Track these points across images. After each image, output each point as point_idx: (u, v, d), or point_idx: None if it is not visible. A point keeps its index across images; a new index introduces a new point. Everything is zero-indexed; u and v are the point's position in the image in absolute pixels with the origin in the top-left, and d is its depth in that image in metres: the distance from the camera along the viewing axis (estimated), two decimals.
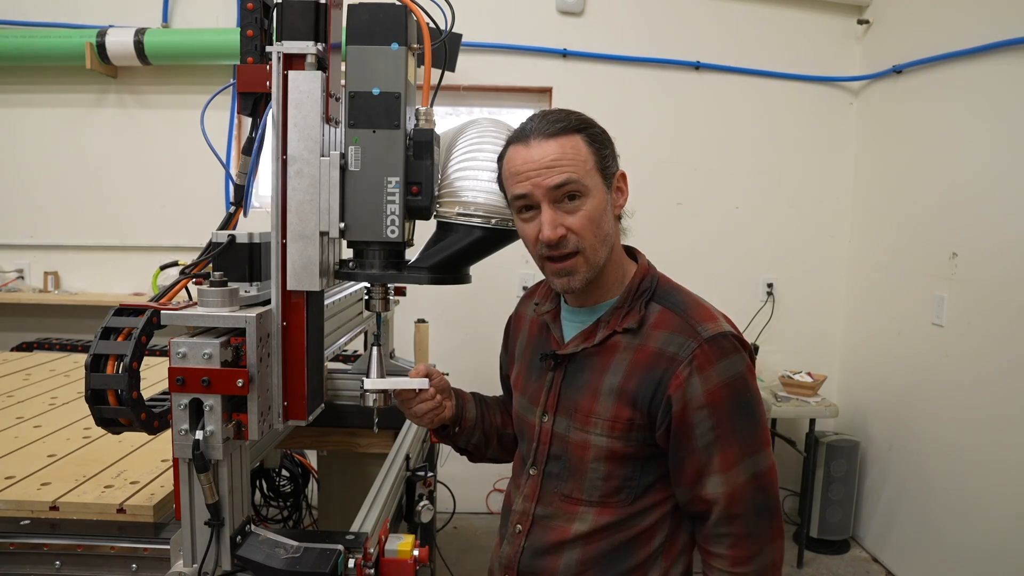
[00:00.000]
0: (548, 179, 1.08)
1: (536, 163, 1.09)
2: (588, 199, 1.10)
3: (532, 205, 1.11)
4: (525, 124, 1.14)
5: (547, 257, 1.12)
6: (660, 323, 1.15)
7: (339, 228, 1.24)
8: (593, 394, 1.16)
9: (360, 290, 1.96)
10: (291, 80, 1.21)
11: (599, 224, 1.12)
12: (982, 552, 2.55)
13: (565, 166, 1.09)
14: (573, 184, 1.09)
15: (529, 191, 1.10)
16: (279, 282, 1.25)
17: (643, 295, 1.18)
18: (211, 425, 1.19)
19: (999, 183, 2.55)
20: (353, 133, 1.24)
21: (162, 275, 1.51)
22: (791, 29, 3.46)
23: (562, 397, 1.20)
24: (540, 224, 1.09)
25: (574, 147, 1.11)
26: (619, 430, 1.14)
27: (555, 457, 1.20)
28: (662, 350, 1.12)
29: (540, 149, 1.10)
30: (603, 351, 1.17)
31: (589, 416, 1.16)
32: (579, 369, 1.19)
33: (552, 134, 1.10)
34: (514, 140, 1.15)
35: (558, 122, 1.12)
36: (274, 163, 1.25)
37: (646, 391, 1.12)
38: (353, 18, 1.24)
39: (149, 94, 3.44)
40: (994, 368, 2.54)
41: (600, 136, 1.15)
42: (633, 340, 1.15)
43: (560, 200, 1.09)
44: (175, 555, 1.26)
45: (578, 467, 1.17)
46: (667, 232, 3.47)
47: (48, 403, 2.06)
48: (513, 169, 1.12)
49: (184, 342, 1.18)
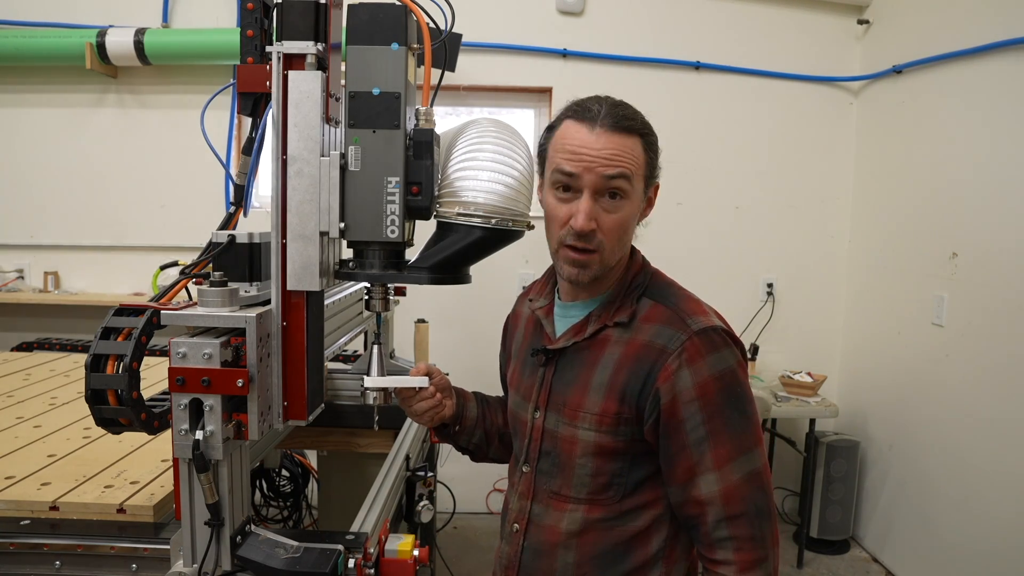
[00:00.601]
0: (603, 169, 1.06)
1: (596, 151, 1.07)
2: (627, 203, 1.10)
3: (572, 187, 1.09)
4: (590, 104, 1.10)
5: (568, 244, 1.10)
6: (650, 316, 1.14)
7: (339, 228, 1.24)
8: (582, 388, 1.15)
9: (360, 290, 1.96)
10: (291, 80, 1.21)
11: (626, 231, 1.12)
12: (982, 552, 2.55)
13: (622, 165, 1.07)
14: (622, 183, 1.08)
15: (579, 173, 1.07)
16: (279, 282, 1.25)
17: (635, 290, 1.17)
18: (211, 425, 1.19)
19: (999, 183, 2.55)
20: (353, 133, 1.24)
21: (162, 275, 1.51)
22: (791, 29, 3.46)
23: (553, 392, 1.19)
24: (575, 210, 1.08)
25: (634, 148, 1.09)
26: (607, 424, 1.13)
27: (546, 453, 1.19)
28: (651, 342, 1.11)
29: (605, 139, 1.07)
30: (593, 345, 1.16)
31: (577, 411, 1.15)
32: (570, 364, 1.18)
33: (621, 129, 1.08)
34: (575, 116, 1.11)
35: (628, 119, 1.09)
36: (274, 163, 1.25)
37: (634, 384, 1.11)
38: (353, 18, 1.24)
39: (149, 94, 3.43)
40: (994, 368, 2.54)
41: (655, 145, 1.14)
42: (624, 334, 1.14)
43: (602, 194, 1.08)
44: (175, 555, 1.26)
45: (567, 463, 1.16)
46: (667, 232, 3.46)
47: (48, 403, 2.06)
48: (568, 146, 1.09)
49: (184, 342, 1.18)
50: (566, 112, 1.14)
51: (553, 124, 1.15)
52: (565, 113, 1.14)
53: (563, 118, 1.13)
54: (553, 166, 1.10)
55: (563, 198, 1.10)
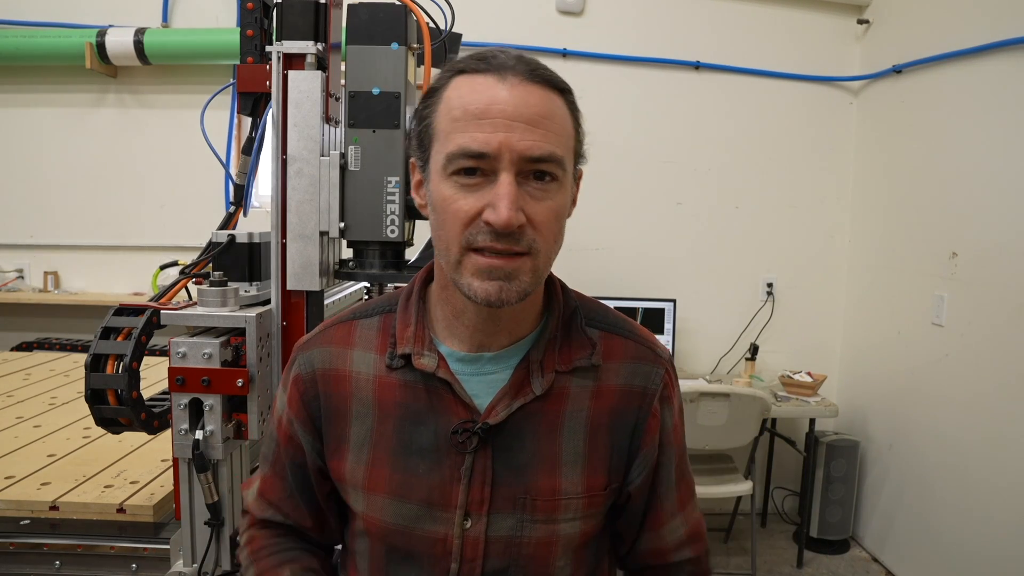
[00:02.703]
0: (526, 142, 0.73)
1: (513, 109, 0.73)
2: (561, 187, 0.77)
3: (481, 169, 0.74)
4: (489, 53, 0.77)
5: (481, 248, 0.74)
6: (612, 353, 0.87)
7: (339, 228, 1.24)
8: (550, 468, 0.83)
9: (360, 290, 1.96)
10: (291, 80, 1.21)
11: (561, 225, 0.79)
12: (982, 551, 2.55)
13: (551, 133, 0.75)
14: (556, 162, 0.75)
15: (493, 150, 0.72)
16: (279, 282, 1.25)
17: (577, 318, 0.88)
18: (211, 425, 1.19)
19: (999, 183, 2.55)
20: (353, 133, 1.24)
21: (162, 275, 1.52)
22: (791, 29, 3.46)
23: (498, 485, 0.82)
24: (490, 198, 0.73)
25: (562, 110, 0.78)
26: (597, 505, 0.86)
27: (493, 575, 0.83)
28: (629, 386, 0.87)
29: (524, 92, 0.75)
30: (547, 405, 0.83)
31: (555, 499, 0.83)
32: (515, 438, 0.83)
33: (540, 79, 0.77)
34: (474, 68, 0.76)
35: (545, 69, 0.79)
36: (274, 163, 1.25)
37: (620, 442, 0.86)
38: (353, 18, 1.25)
39: (149, 94, 3.43)
40: (994, 368, 2.54)
41: (577, 108, 0.83)
42: (586, 382, 0.85)
43: (526, 176, 0.75)
44: (175, 555, 1.26)
45: (539, 573, 0.85)
46: (667, 232, 3.47)
47: (48, 403, 2.06)
48: (472, 109, 0.74)
49: (184, 342, 1.18)
50: (454, 67, 0.78)
51: (436, 86, 0.79)
52: (453, 68, 0.78)
53: (451, 75, 0.78)
54: (452, 145, 0.74)
55: (467, 184, 0.74)
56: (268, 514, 0.94)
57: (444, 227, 0.76)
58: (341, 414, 0.87)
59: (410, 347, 0.84)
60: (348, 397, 0.86)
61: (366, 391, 0.86)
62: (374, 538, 0.87)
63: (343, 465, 0.86)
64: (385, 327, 0.88)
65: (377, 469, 0.85)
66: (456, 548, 0.82)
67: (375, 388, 0.85)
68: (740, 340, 3.53)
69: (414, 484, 0.83)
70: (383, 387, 0.85)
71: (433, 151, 0.78)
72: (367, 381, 0.86)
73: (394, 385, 0.85)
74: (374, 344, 0.87)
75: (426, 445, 0.83)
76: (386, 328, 0.88)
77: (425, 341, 0.85)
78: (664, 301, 3.29)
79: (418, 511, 0.83)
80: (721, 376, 3.50)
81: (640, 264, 3.45)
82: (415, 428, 0.84)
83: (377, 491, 0.84)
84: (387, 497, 0.84)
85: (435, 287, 0.87)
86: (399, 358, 0.85)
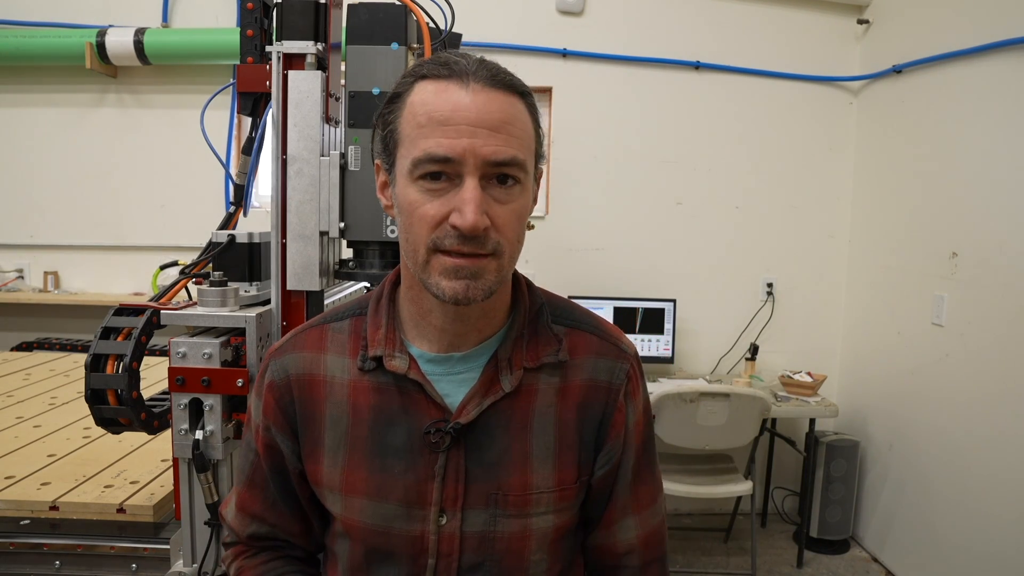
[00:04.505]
0: (490, 147, 0.75)
1: (476, 115, 0.75)
2: (523, 189, 0.80)
3: (447, 174, 0.76)
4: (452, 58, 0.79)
5: (448, 250, 0.76)
6: (578, 348, 0.89)
7: (339, 228, 1.24)
8: (521, 464, 0.85)
9: (360, 290, 1.96)
10: (291, 80, 1.21)
11: (523, 226, 0.82)
12: (982, 551, 2.55)
13: (514, 137, 0.77)
14: (518, 165, 0.77)
15: (458, 155, 0.74)
16: (279, 282, 1.25)
17: (542, 315, 0.90)
18: (211, 425, 1.19)
19: (999, 183, 2.55)
20: (353, 133, 1.24)
21: (162, 275, 1.52)
22: (791, 29, 3.46)
23: (471, 481, 0.84)
24: (455, 202, 0.75)
25: (523, 114, 0.80)
26: (569, 498, 0.88)
27: (471, 569, 0.85)
28: (593, 380, 0.88)
29: (486, 99, 0.76)
30: (516, 403, 0.85)
31: (526, 493, 0.85)
32: (486, 436, 0.85)
33: (502, 85, 0.78)
34: (437, 74, 0.78)
35: (507, 74, 0.80)
36: (274, 163, 1.25)
37: (588, 437, 0.88)
38: (353, 18, 1.25)
39: (149, 94, 3.43)
40: (994, 368, 2.54)
41: (537, 110, 0.85)
42: (552, 378, 0.87)
43: (489, 179, 0.77)
44: (175, 555, 1.26)
45: (515, 567, 0.86)
46: (667, 232, 3.47)
47: (48, 403, 2.06)
48: (436, 115, 0.75)
49: (184, 342, 1.18)
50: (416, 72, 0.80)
51: (399, 91, 0.81)
52: (416, 73, 0.80)
53: (414, 80, 0.79)
54: (418, 151, 0.76)
55: (433, 188, 0.76)
56: (252, 528, 0.94)
57: (411, 230, 0.78)
58: (316, 419, 0.88)
59: (381, 349, 0.85)
60: (322, 402, 0.87)
61: (340, 395, 0.87)
62: (354, 539, 0.88)
63: (320, 469, 0.87)
64: (356, 330, 0.89)
65: (354, 471, 0.86)
66: (432, 544, 0.84)
67: (349, 392, 0.86)
68: (740, 340, 3.53)
69: (391, 484, 0.85)
70: (356, 390, 0.86)
71: (398, 155, 0.79)
72: (341, 385, 0.87)
73: (367, 388, 0.86)
74: (346, 348, 0.88)
75: (400, 445, 0.85)
76: (357, 331, 0.89)
77: (396, 343, 0.86)
78: (664, 301, 3.29)
79: (396, 510, 0.85)
80: (721, 376, 3.50)
81: (640, 264, 3.45)
82: (389, 429, 0.85)
83: (355, 493, 0.86)
84: (365, 498, 0.85)
85: (403, 288, 0.88)
86: (371, 360, 0.86)
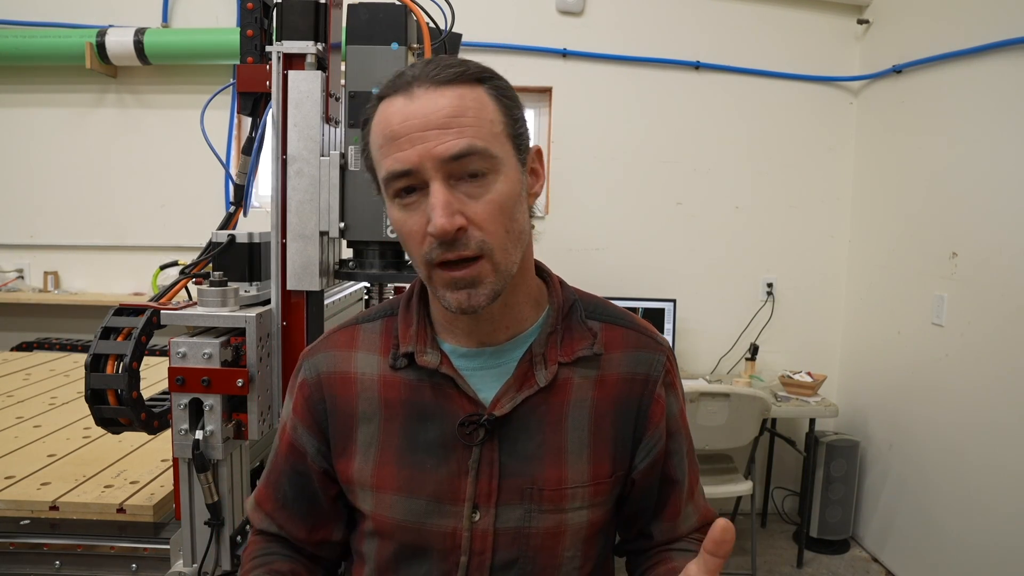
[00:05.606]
0: (442, 144, 0.74)
1: (423, 120, 0.75)
2: (498, 177, 0.77)
3: (415, 186, 0.76)
4: (404, 71, 0.80)
5: (438, 262, 0.76)
6: (614, 343, 0.89)
7: (339, 228, 1.24)
8: (556, 458, 0.84)
9: (360, 290, 1.96)
10: (291, 80, 1.21)
11: (512, 215, 0.78)
12: (982, 551, 2.55)
13: (466, 127, 0.75)
14: (478, 154, 0.75)
15: (415, 164, 0.74)
16: (279, 282, 1.25)
17: (576, 309, 0.90)
18: (211, 425, 1.19)
19: (999, 183, 2.55)
20: (353, 133, 1.24)
21: (162, 275, 1.52)
22: (791, 29, 3.46)
23: (505, 476, 0.83)
24: (428, 211, 0.74)
25: (477, 101, 0.77)
26: (603, 493, 0.87)
27: (504, 567, 0.84)
28: (631, 374, 0.88)
29: (429, 101, 0.75)
30: (550, 397, 0.85)
31: (562, 488, 0.84)
32: (521, 430, 0.84)
33: (446, 81, 0.77)
34: (389, 92, 0.78)
35: (453, 67, 0.78)
36: (274, 163, 1.25)
37: (624, 431, 0.87)
38: (353, 18, 1.25)
39: (149, 94, 3.43)
40: (994, 368, 2.54)
41: (508, 91, 0.83)
42: (588, 372, 0.86)
43: (459, 178, 0.75)
44: (175, 555, 1.26)
45: (548, 565, 0.85)
46: (667, 232, 3.47)
47: (48, 403, 2.06)
48: (388, 132, 0.76)
49: (184, 342, 1.18)
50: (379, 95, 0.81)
51: (366, 116, 0.82)
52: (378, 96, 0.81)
53: (376, 103, 0.81)
54: (384, 172, 0.77)
55: (408, 204, 0.77)
56: (263, 525, 0.96)
57: (407, 248, 0.80)
58: (347, 416, 0.88)
59: (412, 345, 0.86)
60: (354, 398, 0.88)
61: (371, 391, 0.87)
62: (384, 537, 0.87)
63: (351, 466, 0.87)
64: (388, 330, 0.90)
65: (385, 467, 0.86)
66: (465, 541, 0.83)
67: (380, 388, 0.87)
68: (740, 340, 3.53)
69: (422, 480, 0.84)
70: (388, 387, 0.87)
71: (378, 179, 0.81)
72: (372, 382, 0.87)
73: (399, 384, 0.86)
74: (377, 346, 0.89)
75: (433, 441, 0.84)
76: (388, 331, 0.90)
77: (427, 339, 0.87)
78: (664, 301, 3.29)
79: (427, 506, 0.84)
80: (721, 376, 3.50)
81: (640, 264, 3.45)
82: (421, 425, 0.85)
83: (386, 489, 0.85)
84: (396, 494, 0.85)
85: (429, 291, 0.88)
86: (402, 357, 0.86)
